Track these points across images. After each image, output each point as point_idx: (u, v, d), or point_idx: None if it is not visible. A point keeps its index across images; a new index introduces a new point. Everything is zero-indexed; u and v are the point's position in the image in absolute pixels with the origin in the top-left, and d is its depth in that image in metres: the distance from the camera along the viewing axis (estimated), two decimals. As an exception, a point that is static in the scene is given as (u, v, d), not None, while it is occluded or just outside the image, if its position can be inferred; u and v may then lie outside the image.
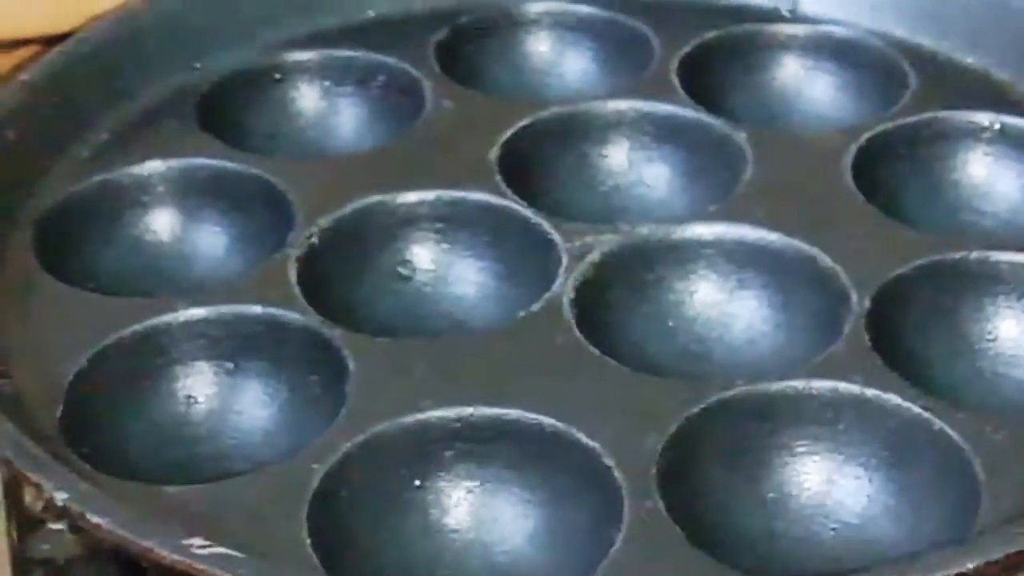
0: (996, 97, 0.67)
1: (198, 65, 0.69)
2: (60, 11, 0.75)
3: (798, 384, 0.54)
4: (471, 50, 0.73)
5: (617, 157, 0.68)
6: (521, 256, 0.61)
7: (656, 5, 0.74)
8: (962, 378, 0.57)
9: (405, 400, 0.53)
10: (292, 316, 0.57)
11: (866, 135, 0.65)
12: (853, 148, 0.64)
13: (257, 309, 0.57)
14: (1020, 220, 0.64)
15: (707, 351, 0.60)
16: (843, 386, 0.53)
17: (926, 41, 0.70)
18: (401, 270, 0.63)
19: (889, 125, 0.66)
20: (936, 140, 0.66)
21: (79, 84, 0.66)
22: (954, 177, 0.66)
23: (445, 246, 0.62)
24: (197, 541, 0.46)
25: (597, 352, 0.55)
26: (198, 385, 0.57)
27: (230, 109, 0.69)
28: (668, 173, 0.67)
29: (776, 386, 0.54)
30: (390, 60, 0.70)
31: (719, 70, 0.71)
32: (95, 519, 0.47)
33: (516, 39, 0.74)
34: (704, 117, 0.67)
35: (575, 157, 0.67)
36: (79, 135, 0.65)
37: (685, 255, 0.61)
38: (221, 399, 0.57)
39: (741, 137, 0.65)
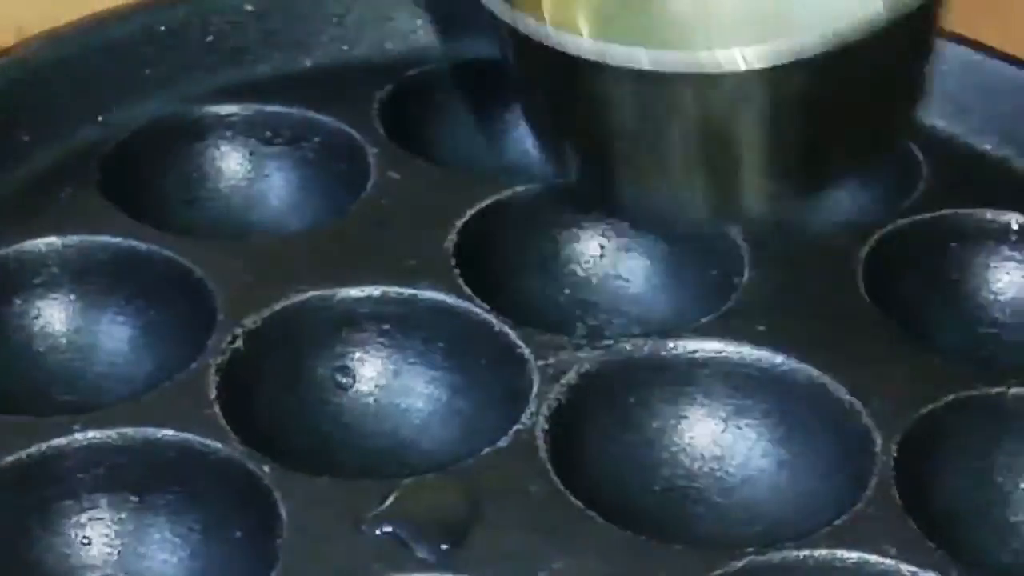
0: (1020, 192, 0.60)
1: (103, 119, 0.60)
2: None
3: (819, 554, 0.45)
4: (419, 109, 0.63)
5: (589, 245, 0.59)
6: (482, 368, 0.53)
7: (631, 64, 0.66)
8: (993, 537, 0.50)
9: (351, 564, 0.45)
10: (210, 444, 0.48)
11: (877, 235, 0.57)
12: (864, 250, 0.56)
13: (168, 433, 0.48)
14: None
15: (698, 488, 0.52)
16: (874, 559, 0.45)
17: (939, 122, 0.63)
18: (339, 378, 0.54)
19: (903, 223, 0.57)
20: (953, 241, 0.58)
21: (-40, 142, 0.56)
22: (973, 284, 0.58)
23: (391, 352, 0.54)
24: None
25: (580, 504, 0.47)
26: (94, 523, 0.48)
27: (139, 171, 0.59)
28: (647, 266, 0.59)
29: (793, 555, 0.45)
30: (327, 119, 0.61)
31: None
32: None
33: (471, 98, 0.65)
34: (689, 202, 0.58)
35: (541, 243, 0.59)
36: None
37: (674, 376, 0.52)
38: (121, 540, 0.48)
39: (734, 230, 0.57)
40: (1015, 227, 0.57)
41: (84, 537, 0.48)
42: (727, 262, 0.56)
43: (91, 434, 0.48)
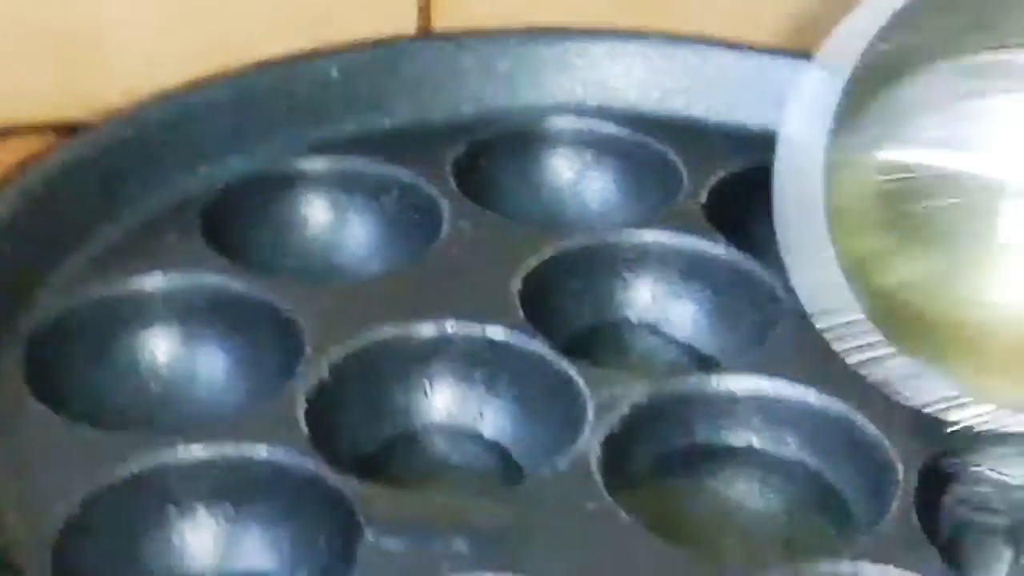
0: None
1: (203, 172, 0.66)
2: (57, 98, 0.71)
3: (845, 569, 0.50)
4: (489, 166, 0.69)
5: (642, 291, 0.65)
6: (543, 400, 0.58)
7: (683, 129, 0.71)
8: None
9: (421, 565, 0.50)
10: (298, 461, 0.53)
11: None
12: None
13: (262, 451, 0.54)
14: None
15: (741, 506, 0.57)
16: (894, 572, 0.50)
17: None
18: (413, 405, 0.59)
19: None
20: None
21: (78, 191, 0.62)
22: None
23: (460, 382, 0.59)
24: None
25: (629, 520, 0.52)
26: (195, 529, 0.53)
27: (235, 219, 0.65)
28: (694, 312, 0.64)
29: (822, 568, 0.50)
30: (404, 174, 0.67)
31: (748, 203, 0.68)
32: None
33: (536, 157, 0.71)
34: (733, 254, 0.63)
35: (597, 290, 0.64)
36: (76, 245, 0.61)
37: (716, 409, 0.58)
38: (218, 545, 0.53)
39: (773, 279, 0.62)
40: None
41: (185, 541, 0.53)
42: (766, 310, 0.62)
43: (195, 450, 0.53)
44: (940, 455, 0.54)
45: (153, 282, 0.60)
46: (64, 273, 0.60)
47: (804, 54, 0.60)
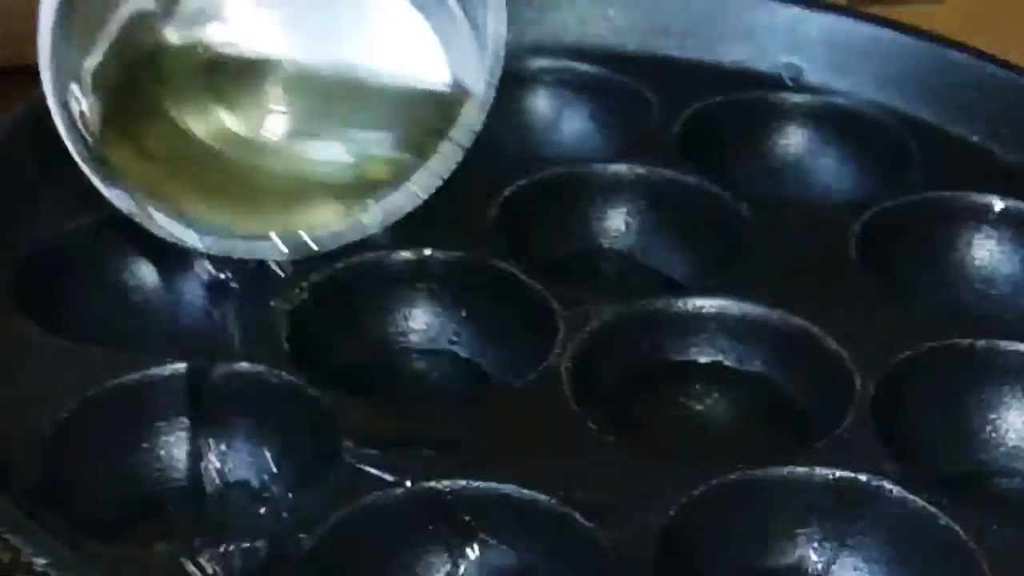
0: (1001, 179, 0.67)
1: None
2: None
3: (799, 470, 0.53)
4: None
5: (615, 220, 0.67)
6: (518, 321, 0.60)
7: (658, 67, 0.73)
8: (964, 470, 0.57)
9: (400, 468, 0.52)
10: (279, 374, 0.55)
11: (871, 211, 0.64)
12: (857, 224, 0.63)
13: (245, 367, 0.56)
14: (1021, 304, 0.64)
15: (707, 418, 0.59)
16: (845, 474, 0.52)
17: (930, 117, 0.70)
18: (390, 326, 0.61)
19: (895, 202, 0.65)
20: (941, 219, 0.65)
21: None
22: (958, 257, 0.65)
23: (437, 305, 0.61)
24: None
25: (594, 428, 0.54)
26: (180, 441, 0.56)
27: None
28: (665, 239, 0.66)
29: (776, 471, 0.52)
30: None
31: (720, 136, 0.70)
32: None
33: (514, 94, 0.73)
34: (704, 184, 0.65)
35: (573, 218, 0.66)
36: (69, 173, 0.63)
37: (684, 328, 0.60)
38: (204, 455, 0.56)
39: (742, 206, 0.64)
40: (993, 207, 0.64)
41: (171, 452, 0.55)
42: (735, 233, 0.63)
43: (179, 366, 0.56)
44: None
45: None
46: (56, 200, 0.62)
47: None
